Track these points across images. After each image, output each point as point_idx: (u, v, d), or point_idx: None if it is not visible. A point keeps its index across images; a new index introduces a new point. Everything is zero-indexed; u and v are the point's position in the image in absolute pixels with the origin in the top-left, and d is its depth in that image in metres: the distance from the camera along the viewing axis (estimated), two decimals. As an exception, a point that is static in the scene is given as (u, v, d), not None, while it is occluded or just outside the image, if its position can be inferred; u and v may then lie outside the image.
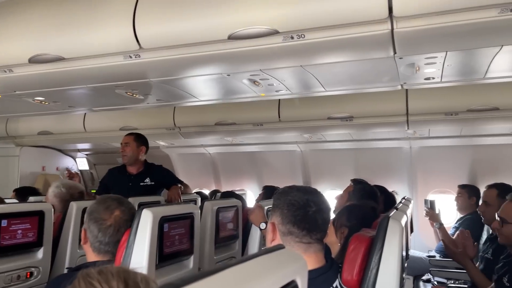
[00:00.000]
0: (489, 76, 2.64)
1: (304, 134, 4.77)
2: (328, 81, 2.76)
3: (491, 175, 4.70)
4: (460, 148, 4.89)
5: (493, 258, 2.75)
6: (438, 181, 4.95)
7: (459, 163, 4.98)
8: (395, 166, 5.27)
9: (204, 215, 2.43)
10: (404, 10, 1.70)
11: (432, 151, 5.02)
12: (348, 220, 2.13)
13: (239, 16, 1.89)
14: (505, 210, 2.27)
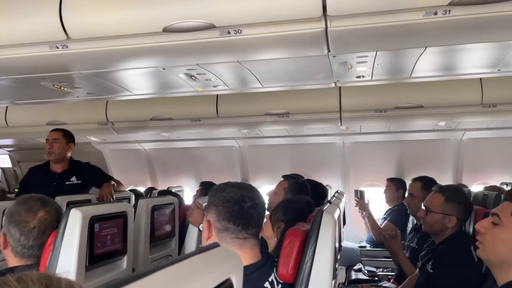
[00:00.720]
0: (415, 76, 2.81)
1: (242, 129, 4.78)
2: (265, 78, 2.79)
3: (416, 168, 5.02)
4: (388, 143, 5.17)
5: (418, 247, 2.94)
6: (369, 175, 5.21)
7: (388, 158, 5.27)
8: (329, 161, 5.46)
9: (139, 214, 2.35)
10: (337, 9, 1.75)
11: (363, 146, 5.26)
12: (284, 215, 2.17)
13: (174, 8, 1.84)
14: (430, 200, 2.43)
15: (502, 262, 1.47)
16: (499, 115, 3.91)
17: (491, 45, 2.26)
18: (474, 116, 3.98)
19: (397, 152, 5.26)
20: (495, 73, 2.76)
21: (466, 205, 2.36)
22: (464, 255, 2.18)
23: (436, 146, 5.11)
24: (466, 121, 4.31)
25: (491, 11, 1.72)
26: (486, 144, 4.95)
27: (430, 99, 3.66)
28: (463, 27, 1.86)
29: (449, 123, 4.40)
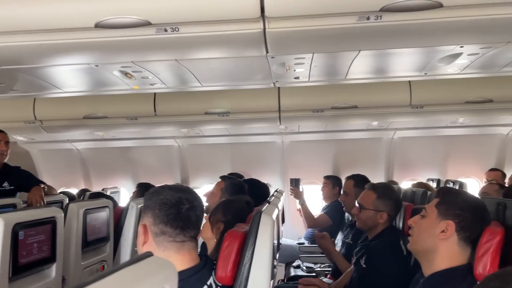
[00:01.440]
0: (349, 77, 2.92)
1: (181, 129, 4.70)
2: (204, 77, 2.76)
3: (352, 166, 5.23)
4: (325, 142, 5.33)
5: (353, 243, 3.06)
6: (307, 173, 5.33)
7: (325, 156, 5.43)
8: (269, 160, 5.52)
9: (69, 219, 2.22)
10: (275, 11, 1.76)
11: (302, 145, 5.38)
12: (223, 216, 2.15)
13: (107, 4, 1.75)
14: (363, 197, 2.54)
15: (426, 250, 1.57)
16: (426, 116, 4.18)
17: (419, 50, 2.40)
18: (404, 116, 4.21)
19: (333, 151, 5.44)
20: (422, 76, 2.94)
21: (396, 202, 2.49)
22: (394, 249, 2.30)
23: (370, 144, 5.35)
24: (396, 121, 4.55)
25: (419, 18, 1.81)
26: (414, 143, 5.27)
27: (364, 100, 3.82)
28: (393, 32, 1.96)
29: (381, 123, 4.62)
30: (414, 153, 5.33)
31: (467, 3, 1.74)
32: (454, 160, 5.32)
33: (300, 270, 4.01)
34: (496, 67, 2.84)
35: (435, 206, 1.58)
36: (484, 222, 1.51)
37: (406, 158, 5.36)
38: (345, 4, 1.72)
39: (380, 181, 5.07)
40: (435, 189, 4.28)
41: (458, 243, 1.51)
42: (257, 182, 3.41)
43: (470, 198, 1.61)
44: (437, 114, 4.12)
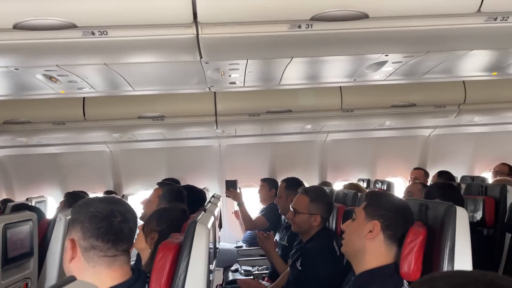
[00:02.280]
0: (283, 83, 2.98)
1: (113, 133, 4.51)
2: (136, 81, 2.67)
3: (287, 168, 5.34)
4: (262, 145, 5.39)
5: (288, 245, 3.12)
6: (244, 176, 5.35)
7: (261, 159, 5.49)
8: (207, 164, 5.47)
9: (-13, 235, 2.04)
10: (208, 17, 1.75)
11: (239, 149, 5.40)
12: (158, 225, 2.09)
13: (28, 4, 1.63)
14: (296, 202, 2.60)
15: (356, 250, 1.64)
16: (356, 119, 4.37)
17: (348, 58, 2.51)
18: (335, 120, 4.37)
19: (270, 154, 5.51)
20: (351, 82, 3.07)
21: (328, 204, 2.58)
22: (328, 251, 2.38)
23: (304, 147, 5.49)
24: (328, 124, 4.71)
25: (347, 28, 1.89)
26: (346, 145, 5.49)
27: (298, 104, 3.91)
28: (323, 40, 2.02)
29: (314, 126, 4.77)
30: (346, 154, 5.55)
31: (391, 15, 1.84)
32: (382, 160, 5.61)
33: (238, 273, 4.02)
34: (418, 74, 3.05)
35: (363, 208, 1.67)
36: (407, 221, 1.60)
37: (338, 159, 5.57)
38: (276, 13, 1.74)
39: (315, 182, 5.28)
40: (365, 188, 4.49)
41: (384, 242, 1.59)
42: (193, 188, 3.36)
43: (394, 199, 1.71)
44: (366, 118, 4.32)
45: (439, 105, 4.05)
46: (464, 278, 0.56)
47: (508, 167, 4.83)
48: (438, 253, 1.48)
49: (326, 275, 2.25)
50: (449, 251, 1.45)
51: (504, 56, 2.70)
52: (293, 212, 2.57)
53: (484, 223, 2.66)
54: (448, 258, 1.44)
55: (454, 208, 1.50)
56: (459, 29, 1.92)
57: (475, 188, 2.95)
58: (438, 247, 1.50)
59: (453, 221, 1.47)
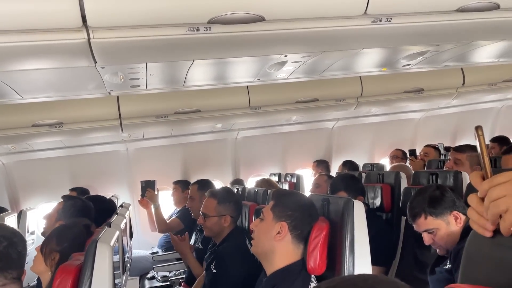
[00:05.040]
0: (188, 85, 2.93)
1: (3, 144, 4.09)
2: (24, 89, 2.44)
3: (201, 168, 5.31)
4: (173, 147, 5.28)
5: (203, 247, 3.09)
6: (156, 179, 5.18)
7: (173, 161, 5.38)
8: (115, 170, 5.21)
9: None
10: (98, 21, 1.64)
11: (148, 152, 5.22)
12: (58, 244, 1.94)
13: None
14: (205, 206, 2.59)
15: (266, 251, 1.67)
16: (264, 116, 4.47)
17: (250, 59, 2.54)
18: (244, 118, 4.43)
19: (182, 155, 5.42)
20: (256, 82, 3.13)
21: (235, 203, 2.61)
22: (241, 251, 2.39)
23: (216, 146, 5.49)
24: (238, 122, 4.75)
25: (245, 30, 1.90)
26: (256, 141, 5.59)
27: (206, 104, 3.89)
28: (223, 43, 2.02)
29: (224, 124, 4.78)
30: (257, 150, 5.66)
31: (286, 17, 1.89)
32: (291, 154, 5.82)
33: (155, 281, 3.90)
34: (318, 72, 3.20)
35: (270, 209, 1.69)
36: (312, 219, 1.67)
37: (250, 156, 5.65)
38: (173, 16, 1.70)
39: (228, 180, 5.31)
40: (276, 182, 4.62)
41: (292, 241, 1.64)
42: (100, 198, 3.19)
43: (300, 198, 1.76)
44: (274, 114, 4.43)
45: (339, 99, 4.30)
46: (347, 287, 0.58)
47: (401, 152, 5.29)
48: (340, 246, 1.56)
49: (241, 276, 2.27)
50: (349, 243, 1.54)
51: (391, 54, 2.94)
52: (203, 217, 2.55)
53: (382, 208, 2.88)
54: (349, 250, 1.53)
55: (352, 202, 1.59)
56: (349, 30, 2.04)
57: (374, 176, 3.17)
58: (340, 240, 1.58)
59: (352, 214, 1.56)
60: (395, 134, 6.11)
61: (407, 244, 2.69)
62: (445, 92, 4.69)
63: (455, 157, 2.94)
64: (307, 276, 1.59)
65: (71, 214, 2.48)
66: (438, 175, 2.60)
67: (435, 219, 1.89)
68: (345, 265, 1.54)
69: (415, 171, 3.05)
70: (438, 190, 1.95)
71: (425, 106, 5.64)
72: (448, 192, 1.94)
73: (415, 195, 1.99)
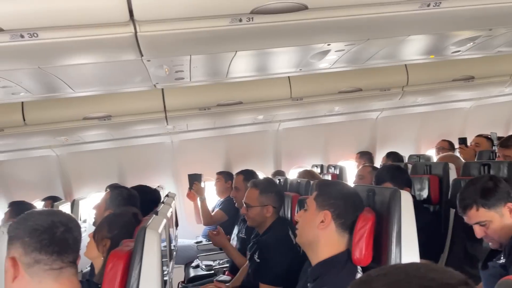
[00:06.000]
0: (231, 76, 2.95)
1: (57, 137, 4.31)
2: (75, 83, 2.55)
3: (242, 160, 5.35)
4: (215, 138, 5.35)
5: (246, 237, 3.13)
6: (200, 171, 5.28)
7: (216, 152, 5.46)
8: (160, 161, 5.36)
9: None
10: (144, 14, 1.69)
11: (192, 144, 5.33)
12: (109, 231, 2.03)
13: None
14: (247, 196, 2.61)
15: (311, 241, 1.67)
16: (306, 107, 4.43)
17: (292, 49, 2.52)
18: (286, 109, 4.41)
19: (224, 146, 5.48)
20: (298, 72, 3.10)
21: (277, 193, 2.61)
22: (284, 241, 2.40)
23: (258, 137, 5.51)
24: (280, 113, 4.74)
25: (288, 20, 1.89)
26: (298, 133, 5.56)
27: (248, 96, 3.91)
28: (265, 33, 2.01)
29: (266, 116, 4.78)
30: (299, 142, 5.63)
31: (330, 5, 1.86)
32: (334, 145, 5.74)
33: (199, 269, 4.00)
34: (361, 60, 3.12)
35: (313, 199, 1.69)
36: (357, 208, 1.64)
37: (292, 147, 5.63)
38: (216, 7, 1.71)
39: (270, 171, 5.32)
40: (319, 174, 4.58)
41: (336, 230, 1.62)
42: (146, 188, 3.28)
43: (343, 187, 1.75)
44: (316, 105, 4.39)
45: (384, 88, 4.19)
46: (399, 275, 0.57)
47: (448, 143, 5.09)
48: (387, 237, 1.53)
49: (284, 265, 2.28)
50: (396, 234, 1.50)
51: (439, 40, 2.82)
52: (246, 207, 2.58)
53: (430, 200, 2.79)
54: (396, 241, 1.50)
55: (399, 192, 1.55)
56: (395, 16, 1.98)
57: (421, 168, 3.08)
58: (386, 231, 1.55)
59: (398, 205, 1.52)
60: (443, 124, 5.88)
61: (456, 237, 2.59)
62: (498, 79, 4.45)
63: (503, 153, 2.80)
64: (353, 267, 1.57)
65: (118, 203, 2.57)
66: (490, 166, 2.48)
67: (487, 211, 1.80)
68: (392, 257, 1.51)
69: (465, 162, 2.93)
70: (491, 180, 1.86)
71: (475, 95, 5.39)
72: (502, 183, 1.85)
73: (466, 185, 1.91)
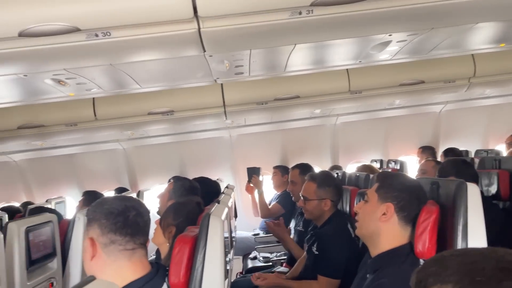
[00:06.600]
0: (289, 70, 2.97)
1: (124, 131, 4.57)
2: (142, 79, 2.70)
3: (299, 154, 5.35)
4: (272, 133, 5.40)
5: (304, 230, 3.15)
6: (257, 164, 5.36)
7: (272, 147, 5.51)
8: (219, 155, 5.51)
9: (9, 239, 2.10)
10: (208, 10, 1.75)
11: (249, 138, 5.42)
12: (174, 219, 2.13)
13: (31, 11, 1.65)
14: (305, 189, 2.62)
15: (371, 233, 1.65)
16: (365, 100, 4.34)
17: (352, 40, 2.48)
18: (344, 102, 4.36)
19: (280, 140, 5.52)
20: (357, 64, 3.05)
21: (335, 187, 2.59)
22: (342, 233, 2.40)
23: (315, 131, 5.48)
24: (337, 107, 4.69)
25: (348, 11, 1.88)
26: (356, 127, 5.46)
27: (305, 89, 3.90)
28: (325, 25, 2.01)
29: (323, 110, 4.75)
30: (357, 136, 5.53)
31: (392, -6, 1.83)
32: (394, 140, 5.58)
33: (257, 261, 4.07)
34: (424, 51, 3.01)
35: (375, 191, 1.67)
36: (420, 201, 1.61)
37: (349, 142, 5.55)
38: (276, 1, 1.74)
39: (327, 166, 5.28)
40: (378, 169, 4.48)
41: (399, 223, 1.60)
42: (207, 180, 3.40)
43: (407, 179, 1.71)
44: (375, 98, 4.29)
45: (449, 80, 4.00)
46: (475, 256, 0.57)
47: (520, 137, 4.77)
48: (452, 231, 1.49)
49: (343, 258, 2.28)
50: (462, 228, 1.46)
51: (510, 27, 2.65)
52: (303, 200, 2.59)
53: (499, 196, 2.64)
54: (462, 235, 1.45)
55: (465, 185, 1.50)
56: (462, 3, 1.90)
57: (489, 162, 2.92)
58: (451, 224, 1.50)
59: (465, 198, 1.47)
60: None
61: (529, 235, 2.44)
62: None
63: None
64: (416, 260, 1.54)
65: (181, 193, 2.70)
66: None
67: None
68: (457, 251, 1.46)
69: (540, 157, 2.74)
70: None
71: (551, 86, 4.99)
72: None
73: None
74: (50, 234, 2.43)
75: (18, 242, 2.13)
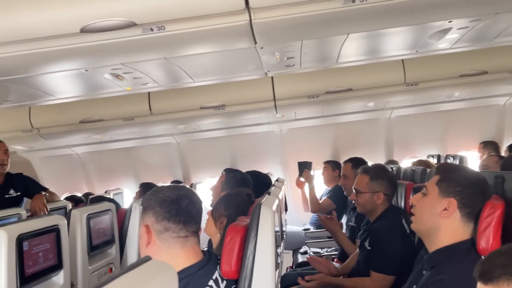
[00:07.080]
0: (341, 61, 2.91)
1: (178, 125, 4.70)
2: (195, 72, 2.75)
3: (351, 149, 5.24)
4: (323, 127, 5.33)
5: (356, 225, 3.08)
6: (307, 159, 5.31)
7: (323, 141, 5.44)
8: (269, 149, 5.53)
9: (73, 225, 2.23)
10: (259, 1, 1.75)
11: (300, 132, 5.38)
12: (226, 210, 2.17)
13: (91, 8, 1.74)
14: (357, 182, 2.56)
15: (429, 228, 1.57)
16: (421, 92, 4.16)
17: (408, 28, 2.38)
18: (399, 95, 4.20)
19: (331, 135, 5.44)
20: (414, 54, 2.93)
21: (389, 180, 2.50)
22: (397, 229, 2.31)
23: (367, 126, 5.35)
24: (392, 100, 4.54)
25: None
26: (412, 120, 5.26)
27: (358, 82, 3.81)
28: (379, 13, 1.94)
29: (377, 103, 4.61)
30: (413, 130, 5.33)
31: (452, -23, 1.73)
32: (453, 134, 5.31)
33: (307, 255, 4.04)
34: (488, 39, 2.82)
35: (435, 184, 1.57)
36: (485, 197, 1.51)
37: (405, 136, 5.36)
38: (329, -11, 1.71)
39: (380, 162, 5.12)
40: (435, 165, 4.29)
41: (461, 219, 1.50)
42: (258, 173, 3.42)
43: (470, 173, 1.60)
44: (433, 90, 4.10)
45: (515, 70, 3.74)
46: None
47: None
48: (518, 227, 1.39)
49: (396, 254, 2.20)
50: (530, 224, 1.36)
51: None
52: (355, 193, 2.53)
53: None
54: (529, 231, 1.35)
55: (534, 178, 1.39)
56: (532, -17, 1.76)
57: (561, 157, 2.71)
58: (517, 220, 1.40)
59: (533, 192, 1.37)
60: None
61: None
62: None
63: None
64: (477, 257, 1.45)
65: (233, 185, 2.73)
66: None
67: None
68: (525, 249, 1.36)
69: None
70: None
71: None
72: None
73: None
74: (109, 222, 2.56)
75: (80, 228, 2.26)
